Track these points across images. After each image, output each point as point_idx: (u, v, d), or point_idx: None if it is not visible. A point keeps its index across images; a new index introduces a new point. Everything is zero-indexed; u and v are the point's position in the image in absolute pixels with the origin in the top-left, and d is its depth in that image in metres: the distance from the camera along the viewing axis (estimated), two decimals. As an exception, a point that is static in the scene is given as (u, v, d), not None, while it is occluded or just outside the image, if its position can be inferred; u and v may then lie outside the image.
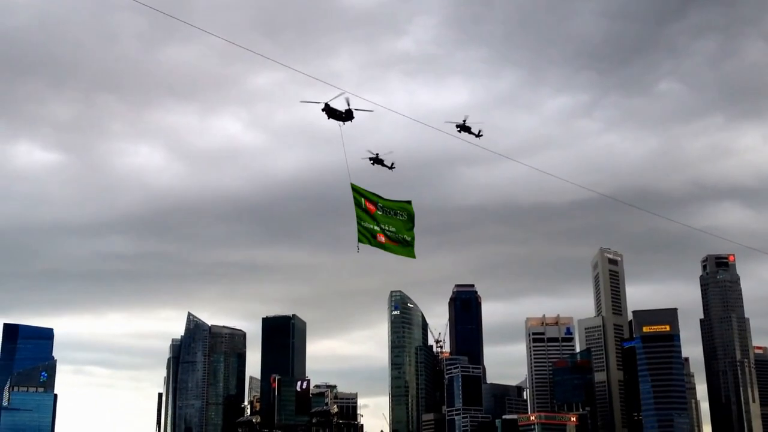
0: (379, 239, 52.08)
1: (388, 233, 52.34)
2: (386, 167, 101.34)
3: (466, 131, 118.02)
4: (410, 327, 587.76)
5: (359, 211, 51.37)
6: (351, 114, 70.75)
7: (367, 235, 51.53)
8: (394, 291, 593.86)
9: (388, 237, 52.35)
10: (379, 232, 52.02)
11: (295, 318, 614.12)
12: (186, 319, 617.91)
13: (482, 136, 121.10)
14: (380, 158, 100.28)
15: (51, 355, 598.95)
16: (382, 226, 52.19)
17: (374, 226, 51.85)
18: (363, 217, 51.45)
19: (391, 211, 52.79)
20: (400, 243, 52.94)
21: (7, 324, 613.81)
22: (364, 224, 51.45)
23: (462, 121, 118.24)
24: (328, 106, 69.28)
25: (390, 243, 52.40)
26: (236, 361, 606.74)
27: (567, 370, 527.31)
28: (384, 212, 52.44)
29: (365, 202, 51.84)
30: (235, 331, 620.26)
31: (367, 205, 51.81)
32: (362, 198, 51.80)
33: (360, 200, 51.67)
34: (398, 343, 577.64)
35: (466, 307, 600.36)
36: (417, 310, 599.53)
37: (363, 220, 51.44)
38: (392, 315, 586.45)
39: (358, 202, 51.53)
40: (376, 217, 52.02)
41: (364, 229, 51.45)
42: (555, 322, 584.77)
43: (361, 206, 51.57)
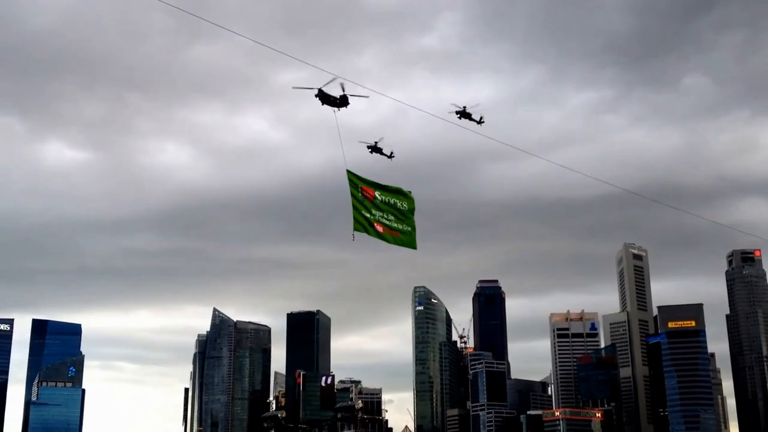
0: (377, 229, 50.03)
1: (386, 222, 50.38)
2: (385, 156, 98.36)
3: (466, 118, 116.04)
4: (434, 322, 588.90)
5: (356, 199, 49.44)
6: (346, 100, 68.40)
7: (364, 224, 49.52)
8: (418, 287, 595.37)
9: (386, 227, 50.34)
10: (377, 222, 50.02)
11: (319, 314, 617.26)
12: (211, 315, 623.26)
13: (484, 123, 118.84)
14: (378, 147, 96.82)
15: (79, 350, 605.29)
16: (381, 214, 50.18)
17: (372, 215, 49.88)
18: (360, 205, 49.51)
19: (390, 200, 50.82)
20: (399, 233, 51.01)
21: (35, 320, 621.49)
22: (361, 212, 49.46)
23: (462, 107, 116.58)
24: (321, 91, 67.06)
25: (389, 233, 50.44)
26: (261, 357, 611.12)
27: (592, 365, 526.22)
28: (383, 200, 50.45)
29: (363, 188, 50.00)
30: (260, 327, 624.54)
31: (365, 192, 49.95)
32: (359, 185, 49.94)
33: (356, 188, 49.76)
34: (422, 339, 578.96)
35: (490, 302, 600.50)
36: (441, 306, 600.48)
37: (360, 209, 49.45)
38: (416, 311, 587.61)
39: (354, 190, 49.59)
40: (374, 205, 50.04)
41: (361, 218, 49.47)
42: (579, 318, 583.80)
43: (358, 194, 49.64)
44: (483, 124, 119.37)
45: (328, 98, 67.55)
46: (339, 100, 67.93)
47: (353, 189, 49.18)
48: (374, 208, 49.74)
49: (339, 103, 67.92)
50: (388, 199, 50.52)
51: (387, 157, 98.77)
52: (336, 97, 67.87)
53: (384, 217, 50.09)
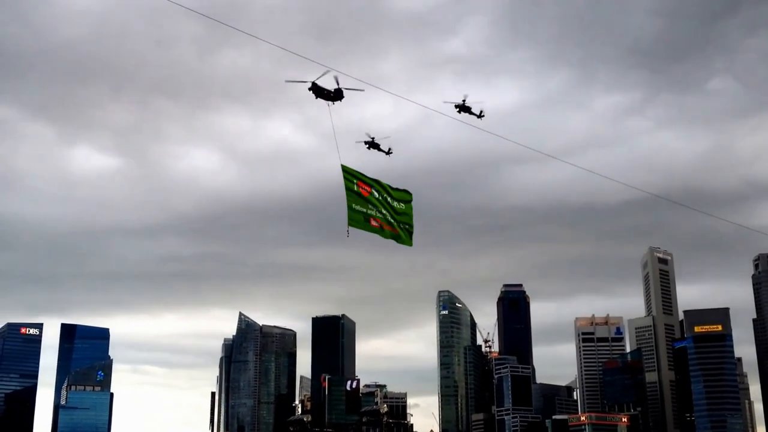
0: (373, 224, 48.56)
1: (382, 218, 48.99)
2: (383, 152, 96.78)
3: (466, 111, 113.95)
4: (459, 327, 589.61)
5: (350, 193, 47.85)
6: (341, 93, 66.52)
7: (359, 219, 47.92)
8: (442, 291, 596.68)
9: (383, 222, 48.98)
10: (373, 217, 48.59)
11: (344, 318, 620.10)
12: (237, 319, 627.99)
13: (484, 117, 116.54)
14: (376, 142, 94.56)
15: (107, 354, 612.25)
16: (377, 210, 48.78)
17: (368, 210, 48.34)
18: (355, 200, 47.92)
19: (387, 197, 49.55)
20: (396, 228, 49.66)
21: (64, 324, 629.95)
22: (356, 208, 47.84)
23: (461, 100, 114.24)
24: (315, 84, 65.43)
25: (386, 228, 49.04)
26: (287, 361, 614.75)
27: (617, 370, 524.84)
28: (379, 197, 49.09)
29: (358, 184, 48.40)
30: (285, 331, 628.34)
31: (360, 188, 48.39)
32: (354, 180, 48.40)
33: (352, 182, 48.21)
34: (447, 343, 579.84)
35: (514, 306, 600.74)
36: (465, 310, 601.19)
37: (355, 204, 47.85)
38: (441, 315, 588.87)
39: (349, 185, 48.04)
40: (370, 200, 48.58)
41: (356, 213, 47.87)
42: (605, 322, 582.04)
43: (353, 188, 48.06)
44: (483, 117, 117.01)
45: (322, 91, 66.15)
46: (333, 94, 66.45)
47: (348, 184, 47.93)
48: (370, 204, 48.50)
49: (333, 97, 66.44)
50: (385, 195, 49.44)
51: (385, 153, 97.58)
52: (330, 91, 66.35)
53: (380, 213, 48.89)
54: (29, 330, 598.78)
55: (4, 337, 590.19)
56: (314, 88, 65.61)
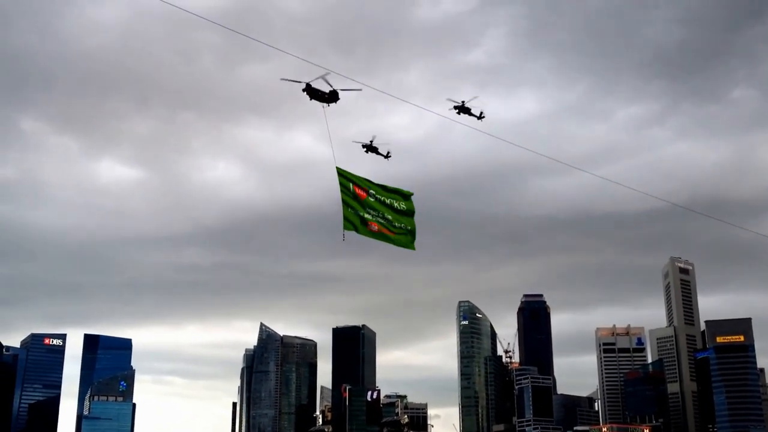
0: (371, 227, 46.83)
1: (382, 221, 47.14)
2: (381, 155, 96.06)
3: (465, 113, 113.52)
4: (479, 337, 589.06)
5: (346, 197, 46.52)
6: (336, 95, 65.47)
7: (356, 223, 46.37)
8: (463, 301, 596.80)
9: (382, 225, 47.11)
10: (371, 220, 46.82)
11: (364, 328, 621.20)
12: (258, 330, 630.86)
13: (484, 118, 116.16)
14: (374, 146, 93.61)
15: (130, 364, 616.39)
16: (375, 213, 47.05)
17: (365, 214, 46.73)
18: (351, 203, 46.53)
19: (386, 200, 47.68)
20: (396, 232, 47.54)
21: (87, 334, 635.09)
22: (351, 211, 46.46)
23: (461, 102, 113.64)
24: (309, 86, 64.48)
25: (385, 232, 47.18)
26: (307, 371, 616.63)
27: (639, 381, 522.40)
28: (377, 200, 47.36)
29: (354, 187, 46.92)
30: (306, 342, 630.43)
31: (357, 191, 46.90)
32: (350, 183, 46.93)
33: (348, 185, 46.80)
34: (467, 354, 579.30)
35: (534, 317, 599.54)
36: (485, 320, 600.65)
37: (351, 207, 46.46)
38: (461, 325, 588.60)
39: (346, 188, 46.71)
40: (367, 204, 46.96)
41: (352, 216, 46.42)
42: (626, 333, 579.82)
43: (349, 192, 46.63)
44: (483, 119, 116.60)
45: (316, 93, 65.22)
46: (328, 96, 65.36)
47: (343, 187, 46.77)
48: (367, 207, 46.96)
49: (328, 99, 65.33)
50: (384, 198, 47.63)
51: (384, 156, 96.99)
52: (325, 93, 65.23)
53: (378, 216, 47.13)
54: (53, 340, 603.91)
55: (28, 348, 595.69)
56: (308, 90, 65.23)
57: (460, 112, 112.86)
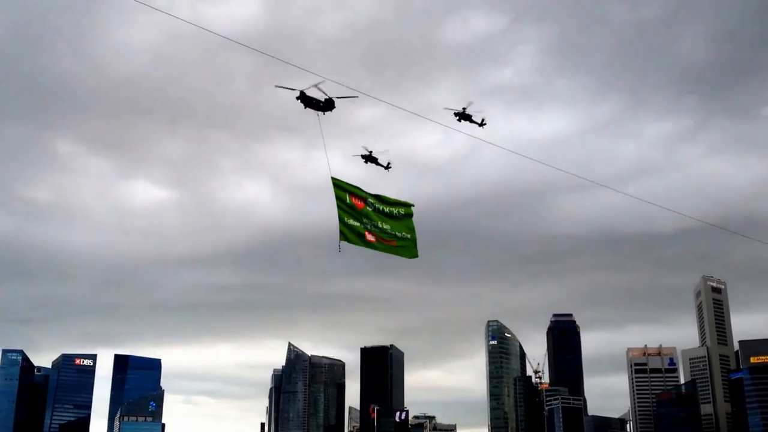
0: (369, 238, 45.64)
1: (380, 232, 45.99)
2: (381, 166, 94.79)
3: (466, 120, 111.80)
4: (508, 357, 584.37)
5: (342, 207, 45.28)
6: (331, 103, 63.55)
7: (352, 234, 45.11)
8: (491, 320, 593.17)
9: (380, 236, 45.97)
10: (369, 231, 45.68)
11: (393, 348, 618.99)
12: (287, 350, 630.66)
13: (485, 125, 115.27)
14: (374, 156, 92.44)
15: (159, 385, 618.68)
16: (373, 223, 45.91)
17: (362, 224, 45.51)
18: (348, 214, 45.34)
19: (385, 209, 46.60)
20: (396, 241, 46.42)
21: (117, 355, 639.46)
22: (348, 222, 45.18)
23: (462, 109, 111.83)
24: (303, 94, 62.82)
25: (383, 242, 46.00)
26: (336, 391, 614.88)
27: (671, 401, 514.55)
28: (375, 209, 46.24)
29: (350, 197, 45.76)
30: (334, 362, 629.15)
31: (353, 201, 45.71)
32: (346, 193, 45.79)
33: (344, 196, 45.61)
34: (496, 374, 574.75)
35: (564, 336, 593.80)
36: (514, 340, 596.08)
37: (347, 218, 45.23)
38: (489, 345, 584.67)
39: (341, 198, 45.46)
40: (364, 214, 45.77)
41: (349, 227, 45.14)
42: (658, 353, 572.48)
43: (345, 202, 45.44)
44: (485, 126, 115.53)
45: (311, 101, 63.49)
46: (323, 104, 63.58)
47: (339, 197, 45.51)
48: (365, 218, 45.75)
49: (323, 107, 63.68)
50: (382, 207, 46.57)
51: (384, 167, 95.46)
52: (320, 101, 63.45)
53: (377, 227, 45.94)
54: (83, 361, 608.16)
55: (59, 368, 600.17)
56: (302, 98, 63.65)
57: (460, 119, 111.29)
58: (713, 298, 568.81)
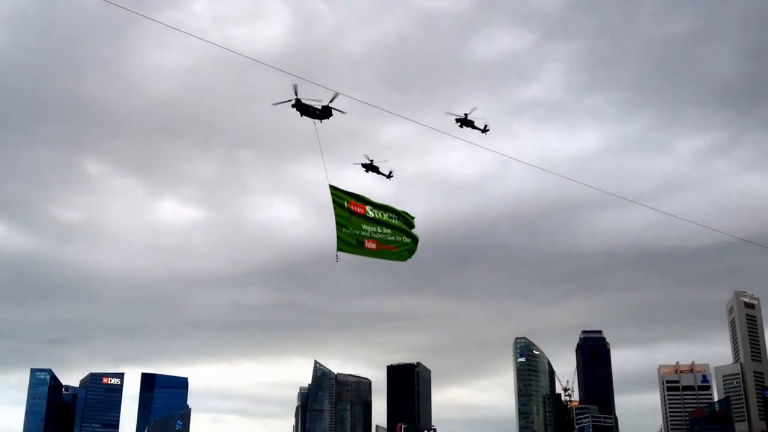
0: (368, 246, 45.20)
1: (380, 237, 45.50)
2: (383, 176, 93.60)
3: (468, 126, 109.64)
4: (536, 375, 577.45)
5: (341, 215, 44.66)
6: (329, 111, 62.51)
7: (351, 242, 44.67)
8: (519, 338, 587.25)
9: (380, 242, 45.48)
10: (368, 238, 45.17)
11: (419, 366, 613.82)
12: (313, 368, 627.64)
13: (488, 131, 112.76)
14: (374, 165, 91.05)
15: (186, 403, 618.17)
16: (373, 230, 45.33)
17: (362, 231, 44.98)
18: (346, 221, 44.72)
19: (385, 215, 45.99)
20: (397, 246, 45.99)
21: (144, 374, 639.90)
22: (346, 230, 44.58)
23: (464, 114, 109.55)
24: (299, 101, 61.79)
25: (383, 248, 45.62)
26: (362, 410, 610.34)
27: (705, 420, 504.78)
28: (376, 215, 45.66)
29: (349, 204, 45.12)
30: (360, 380, 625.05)
31: (352, 208, 45.08)
32: (344, 202, 45.04)
33: (342, 203, 44.92)
34: (525, 392, 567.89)
35: (594, 354, 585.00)
36: (543, 357, 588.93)
37: (346, 226, 44.64)
38: (518, 362, 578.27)
39: (340, 206, 44.82)
40: (365, 220, 45.28)
41: (347, 236, 44.59)
42: (690, 370, 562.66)
43: (344, 210, 44.86)
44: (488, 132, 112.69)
45: (307, 109, 62.30)
46: (320, 112, 62.44)
47: (337, 205, 44.88)
48: (364, 224, 45.24)
49: (320, 115, 62.48)
50: (382, 213, 46.05)
51: (385, 176, 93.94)
52: (317, 108, 62.39)
53: (377, 233, 45.51)
54: (111, 380, 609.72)
55: (87, 387, 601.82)
56: (298, 106, 62.52)
57: (462, 125, 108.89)
58: (746, 313, 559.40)
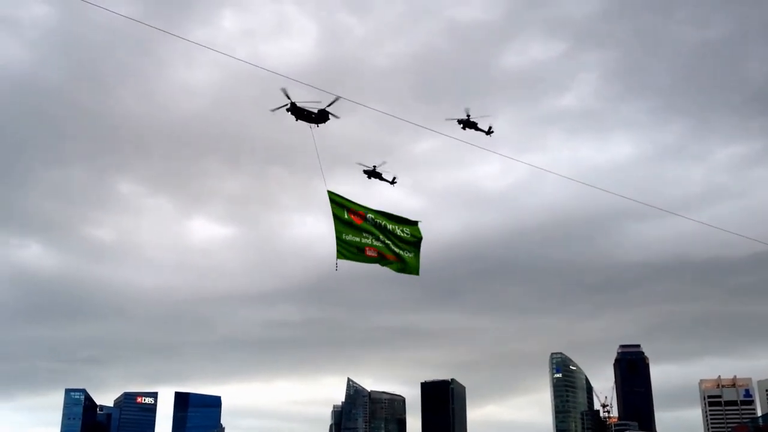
0: (369, 254, 43.87)
1: (381, 246, 44.05)
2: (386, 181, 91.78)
3: (471, 127, 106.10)
4: (574, 390, 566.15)
5: (339, 222, 43.51)
6: (325, 115, 61.72)
7: (352, 250, 43.32)
8: (555, 353, 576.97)
9: (381, 251, 44.05)
10: (369, 246, 43.86)
11: (454, 382, 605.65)
12: (346, 386, 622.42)
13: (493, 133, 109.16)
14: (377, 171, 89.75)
15: (219, 422, 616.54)
16: (373, 238, 44.00)
17: (362, 239, 43.65)
18: (346, 229, 43.46)
19: (387, 224, 44.65)
20: (397, 257, 44.62)
21: (178, 393, 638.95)
22: (346, 238, 43.27)
23: (465, 116, 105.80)
24: (294, 105, 61.13)
25: (385, 257, 44.20)
26: (396, 427, 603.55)
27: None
28: (376, 224, 44.26)
29: (348, 212, 43.98)
30: (394, 397, 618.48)
31: (352, 216, 43.88)
32: (344, 209, 44.02)
33: (341, 211, 43.89)
34: (562, 408, 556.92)
35: (632, 369, 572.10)
36: (580, 373, 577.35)
37: (346, 233, 43.39)
38: (554, 378, 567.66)
39: (339, 213, 43.76)
40: (364, 228, 43.91)
41: (347, 244, 43.24)
42: (732, 384, 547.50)
43: (343, 217, 43.70)
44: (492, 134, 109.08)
45: (302, 113, 61.34)
46: (316, 116, 61.50)
47: (337, 212, 43.78)
48: (365, 232, 43.86)
49: (316, 119, 61.74)
50: (384, 222, 44.59)
51: (389, 182, 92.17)
52: (312, 112, 61.42)
53: (378, 241, 44.05)
54: (145, 399, 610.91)
55: (121, 407, 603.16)
56: (293, 110, 60.95)
57: (465, 127, 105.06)
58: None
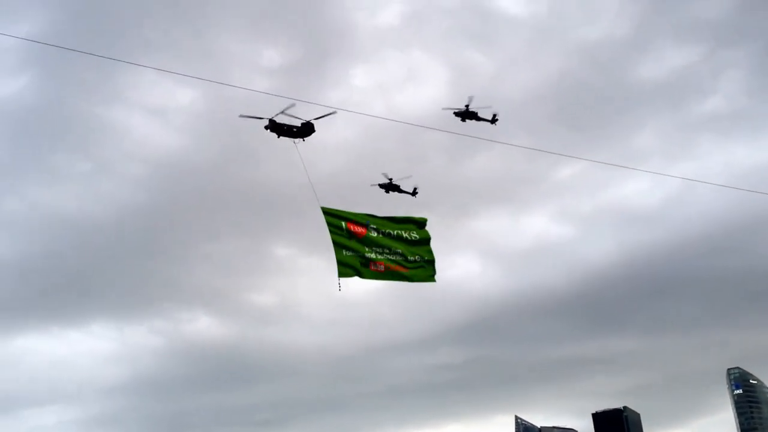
0: (377, 267, 41.83)
1: (391, 258, 42.10)
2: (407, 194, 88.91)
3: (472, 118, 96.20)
4: (758, 406, 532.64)
5: (339, 238, 41.34)
6: (310, 127, 56.20)
7: (355, 266, 41.21)
8: (731, 368, 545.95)
9: (391, 262, 42.05)
10: (374, 260, 41.74)
11: (627, 410, 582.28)
12: (514, 423, 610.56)
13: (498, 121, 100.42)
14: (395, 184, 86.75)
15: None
16: (380, 249, 41.98)
17: (365, 254, 41.60)
18: (346, 245, 41.32)
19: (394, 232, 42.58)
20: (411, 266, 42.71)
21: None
22: (347, 254, 41.27)
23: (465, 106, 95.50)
24: (272, 122, 55.65)
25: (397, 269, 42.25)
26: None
27: None
28: (381, 233, 42.17)
29: (348, 225, 41.87)
30: (565, 430, 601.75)
31: (352, 228, 41.77)
32: (342, 221, 41.85)
33: (339, 224, 41.74)
34: (748, 426, 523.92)
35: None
36: (763, 387, 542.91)
37: (346, 250, 41.33)
38: (734, 395, 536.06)
39: (337, 227, 41.61)
40: (368, 241, 41.78)
41: (349, 259, 41.30)
42: None
43: (342, 231, 41.58)
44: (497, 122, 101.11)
45: (282, 128, 56.28)
46: (299, 129, 56.15)
47: (333, 228, 41.54)
48: (369, 244, 41.82)
49: (299, 133, 56.22)
50: (390, 230, 42.57)
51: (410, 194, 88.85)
52: (294, 126, 56.25)
53: (386, 252, 42.06)
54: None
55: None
56: (272, 126, 56.24)
57: (464, 118, 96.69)
58: None
